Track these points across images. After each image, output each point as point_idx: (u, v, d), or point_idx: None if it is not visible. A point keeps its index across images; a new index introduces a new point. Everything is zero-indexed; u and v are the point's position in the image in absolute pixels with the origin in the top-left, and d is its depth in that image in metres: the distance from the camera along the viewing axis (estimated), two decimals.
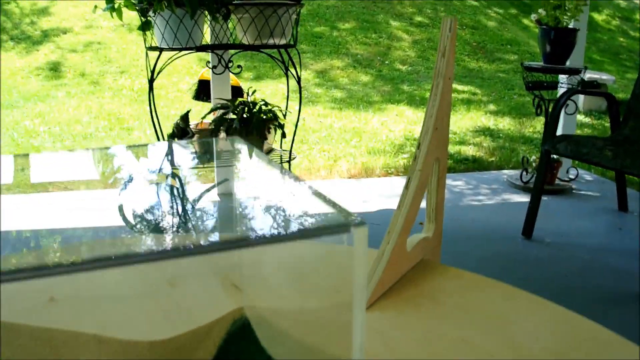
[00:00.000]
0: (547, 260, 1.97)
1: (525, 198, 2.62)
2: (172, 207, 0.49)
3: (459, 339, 0.50)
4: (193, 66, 6.23)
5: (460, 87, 6.19)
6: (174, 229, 0.48)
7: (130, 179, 0.47)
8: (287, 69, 2.31)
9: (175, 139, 2.29)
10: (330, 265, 0.34)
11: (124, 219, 0.46)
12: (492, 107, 5.48)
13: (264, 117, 2.22)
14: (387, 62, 7.02)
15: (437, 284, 0.61)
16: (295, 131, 2.48)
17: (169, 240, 0.48)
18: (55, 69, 6.70)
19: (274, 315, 0.38)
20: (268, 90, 5.75)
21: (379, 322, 0.53)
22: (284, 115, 2.34)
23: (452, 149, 3.81)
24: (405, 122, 4.79)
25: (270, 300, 0.39)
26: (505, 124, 4.76)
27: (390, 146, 3.92)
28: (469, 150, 3.83)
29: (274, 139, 2.43)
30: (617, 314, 1.64)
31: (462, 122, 4.76)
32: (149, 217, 0.48)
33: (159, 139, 2.28)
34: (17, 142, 4.07)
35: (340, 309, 0.30)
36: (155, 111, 2.26)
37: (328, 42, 7.41)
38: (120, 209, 0.46)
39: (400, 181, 3.14)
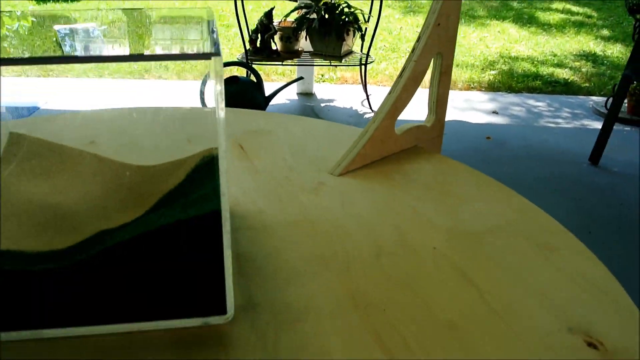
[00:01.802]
0: (605, 187, 1.95)
1: None
2: None
3: (409, 206, 0.58)
4: None
5: (574, 8, 5.83)
6: None
7: None
8: None
9: (258, 34, 2.39)
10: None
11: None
12: (605, 32, 5.16)
13: (345, 19, 2.25)
14: None
15: (418, 165, 0.68)
16: (373, 35, 2.50)
17: None
18: None
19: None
20: None
21: (344, 186, 0.61)
22: (367, 20, 2.37)
23: (544, 70, 3.68)
24: (505, 39, 4.64)
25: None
26: (614, 51, 4.49)
27: (481, 62, 3.84)
28: (563, 74, 3.69)
29: (353, 42, 2.47)
30: None
31: (566, 45, 4.54)
32: None
33: (242, 35, 2.37)
34: None
35: None
36: (243, 6, 2.34)
37: None
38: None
39: (480, 96, 3.11)
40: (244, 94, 2.28)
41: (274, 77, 3.27)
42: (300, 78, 2.50)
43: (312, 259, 0.48)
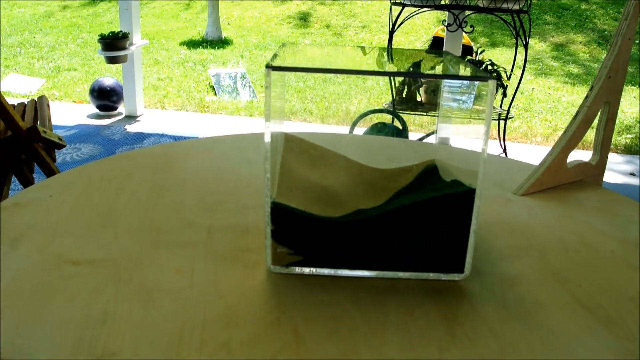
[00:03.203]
0: None
1: None
2: None
3: (584, 221, 0.70)
4: (431, 27, 6.43)
5: None
6: None
7: None
8: (517, 34, 2.44)
9: (405, 85, 2.58)
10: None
11: None
12: None
13: None
14: (637, 41, 6.56)
15: (586, 194, 0.80)
16: (515, 93, 2.61)
17: None
18: (304, 18, 7.29)
19: (445, 164, 0.61)
20: (502, 58, 5.77)
21: (527, 202, 0.74)
22: (508, 78, 2.49)
23: None
24: None
25: (440, 155, 0.62)
26: None
27: (617, 125, 3.81)
28: None
29: (494, 97, 2.59)
30: None
31: None
32: None
33: (391, 85, 2.58)
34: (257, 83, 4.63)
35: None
36: (391, 58, 2.53)
37: (575, 14, 7.09)
38: None
39: (616, 158, 3.11)
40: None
41: (412, 127, 3.45)
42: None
43: (513, 247, 0.61)
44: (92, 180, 0.76)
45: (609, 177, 2.82)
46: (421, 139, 2.60)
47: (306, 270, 0.54)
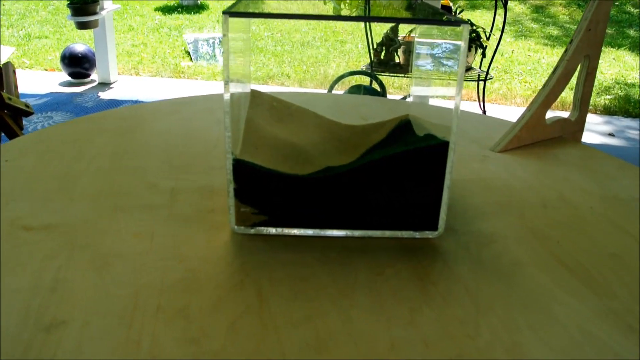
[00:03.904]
0: None
1: None
2: None
3: (563, 177, 0.68)
4: None
5: None
6: None
7: None
8: None
9: (383, 47, 2.53)
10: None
11: None
12: None
13: None
14: (617, 3, 6.53)
15: (565, 150, 0.78)
16: (494, 54, 2.58)
17: None
18: None
19: (419, 120, 0.58)
20: (482, 20, 5.71)
21: (505, 159, 0.72)
22: (488, 38, 2.45)
23: None
24: (620, 67, 4.55)
25: (415, 112, 0.60)
26: None
27: (596, 86, 3.81)
28: None
29: (474, 58, 2.56)
30: None
31: None
32: None
33: (369, 46, 2.53)
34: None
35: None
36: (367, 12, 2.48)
37: None
38: None
39: (596, 119, 3.11)
40: None
41: (390, 89, 3.41)
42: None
43: (491, 204, 0.59)
44: (52, 144, 0.72)
45: (588, 137, 2.83)
46: (402, 99, 2.57)
47: (272, 230, 0.51)
